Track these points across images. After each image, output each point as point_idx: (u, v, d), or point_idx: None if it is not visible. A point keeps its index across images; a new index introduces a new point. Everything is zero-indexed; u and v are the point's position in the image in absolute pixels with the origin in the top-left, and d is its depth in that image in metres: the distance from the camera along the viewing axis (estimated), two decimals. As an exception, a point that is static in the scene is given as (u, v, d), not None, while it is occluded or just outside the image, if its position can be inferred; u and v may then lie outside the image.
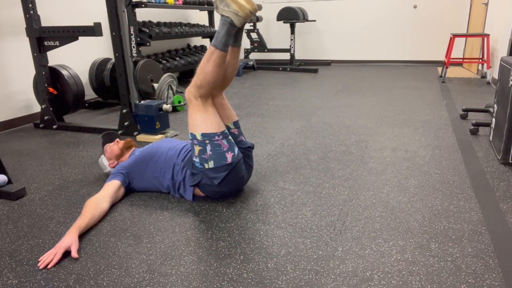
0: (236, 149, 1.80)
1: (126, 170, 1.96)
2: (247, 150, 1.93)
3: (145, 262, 1.44)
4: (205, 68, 1.70)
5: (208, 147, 1.73)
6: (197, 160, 1.78)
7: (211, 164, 1.74)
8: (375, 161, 2.37)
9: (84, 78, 4.05)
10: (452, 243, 1.50)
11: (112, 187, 1.86)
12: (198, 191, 1.88)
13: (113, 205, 1.87)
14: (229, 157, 1.74)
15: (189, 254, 1.48)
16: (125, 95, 2.96)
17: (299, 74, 6.09)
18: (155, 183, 1.95)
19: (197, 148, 1.76)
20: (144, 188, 1.99)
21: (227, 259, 1.44)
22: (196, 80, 1.74)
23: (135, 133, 3.01)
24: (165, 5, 4.78)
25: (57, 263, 1.44)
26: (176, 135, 3.03)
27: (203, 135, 1.73)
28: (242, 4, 1.61)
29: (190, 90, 1.75)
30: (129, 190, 1.99)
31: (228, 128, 1.88)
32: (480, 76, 5.38)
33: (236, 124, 1.94)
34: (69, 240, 1.51)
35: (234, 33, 1.70)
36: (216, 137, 1.73)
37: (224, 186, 1.79)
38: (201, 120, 1.74)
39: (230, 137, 1.81)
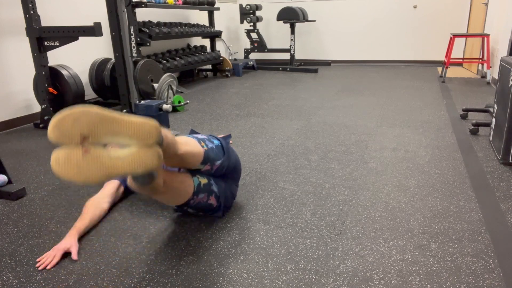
0: (215, 186, 1.65)
1: None
2: (227, 167, 1.69)
3: (145, 262, 1.44)
4: (158, 198, 1.42)
5: (190, 210, 1.65)
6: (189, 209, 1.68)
7: (201, 213, 1.75)
8: (375, 161, 2.37)
9: (84, 78, 4.05)
10: (452, 243, 1.50)
11: (111, 186, 1.86)
12: None
13: (113, 205, 1.87)
14: (213, 202, 1.65)
15: (189, 254, 1.48)
16: (125, 95, 2.96)
17: (299, 74, 6.09)
18: None
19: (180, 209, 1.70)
20: None
21: (227, 259, 1.44)
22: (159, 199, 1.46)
23: (135, 133, 3.01)
24: (165, 5, 4.78)
25: (55, 265, 1.44)
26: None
27: (178, 206, 1.60)
28: (145, 156, 1.11)
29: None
30: (128, 190, 1.99)
31: (198, 170, 1.60)
32: (480, 76, 5.38)
33: (204, 161, 1.56)
34: (69, 242, 1.51)
35: (152, 182, 1.29)
36: (191, 201, 1.56)
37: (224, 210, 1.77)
38: (167, 200, 1.49)
39: (202, 183, 1.58)
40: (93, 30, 2.80)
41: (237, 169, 1.81)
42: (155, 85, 3.85)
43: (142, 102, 2.93)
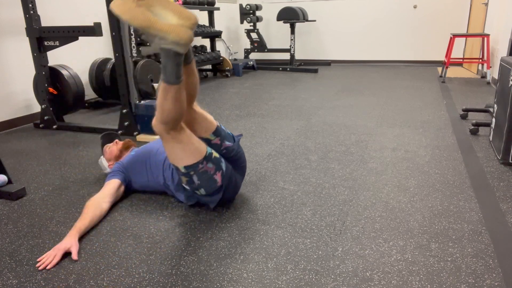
0: (224, 165, 1.69)
1: (125, 168, 1.96)
2: (234, 155, 1.79)
3: (145, 262, 1.44)
4: (164, 107, 1.49)
5: (195, 177, 1.63)
6: (187, 187, 1.72)
7: (202, 191, 1.69)
8: (375, 161, 2.37)
9: (84, 78, 4.05)
10: (452, 243, 1.50)
11: (112, 186, 1.86)
12: None
13: (113, 205, 1.87)
14: (218, 178, 1.66)
15: (189, 254, 1.48)
16: (125, 95, 2.96)
17: (299, 74, 6.09)
18: (152, 183, 1.95)
19: (184, 179, 1.67)
20: (143, 187, 1.99)
21: (227, 259, 1.44)
22: (159, 117, 1.52)
23: (135, 133, 3.01)
24: (165, 5, 4.77)
25: (56, 265, 1.44)
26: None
27: (186, 167, 1.60)
28: (179, 29, 1.32)
29: (158, 126, 1.55)
30: (129, 189, 1.99)
31: (208, 140, 1.70)
32: (480, 76, 5.38)
33: (216, 132, 1.72)
34: (69, 242, 1.51)
35: (182, 59, 1.44)
36: (200, 165, 1.60)
37: (221, 200, 1.77)
38: (180, 151, 1.58)
39: (214, 155, 1.66)
40: (93, 30, 2.80)
41: (243, 163, 1.88)
42: (155, 85, 3.85)
43: (142, 102, 2.93)
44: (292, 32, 6.33)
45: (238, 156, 1.82)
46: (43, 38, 3.06)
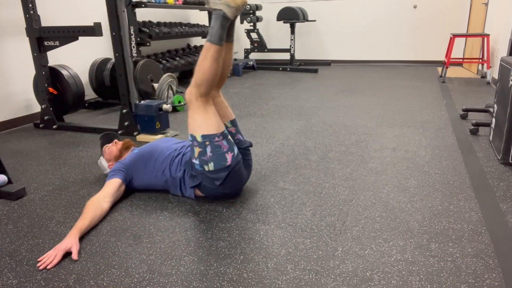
0: (236, 149, 1.80)
1: (126, 167, 1.95)
2: (245, 149, 1.93)
3: (145, 262, 1.44)
4: (203, 65, 1.70)
5: (208, 149, 1.72)
6: (196, 162, 1.77)
7: (211, 166, 1.74)
8: (375, 161, 2.37)
9: (84, 78, 4.05)
10: (452, 243, 1.50)
11: (112, 185, 1.86)
12: (198, 192, 1.88)
13: (113, 205, 1.87)
14: (229, 158, 1.75)
15: (189, 254, 1.48)
16: (125, 95, 2.96)
17: (299, 74, 6.09)
18: (155, 181, 1.95)
19: (197, 150, 1.75)
20: (143, 186, 1.99)
21: (227, 259, 1.44)
22: (195, 79, 1.73)
23: (135, 133, 3.01)
24: (165, 5, 4.78)
25: (56, 265, 1.44)
26: (176, 135, 3.03)
27: (203, 136, 1.73)
28: None
29: (191, 91, 1.75)
30: (129, 188, 1.99)
31: (225, 126, 1.87)
32: (480, 76, 5.38)
33: (233, 122, 1.94)
34: (70, 242, 1.51)
35: (228, 26, 1.71)
36: (216, 138, 1.73)
37: (225, 187, 1.80)
38: (202, 121, 1.74)
39: (229, 137, 1.81)
40: (93, 30, 2.80)
41: (250, 162, 1.98)
42: (155, 85, 3.85)
43: (142, 102, 2.93)
44: (292, 32, 6.33)
45: (247, 154, 1.94)
46: (43, 38, 3.06)
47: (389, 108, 3.71)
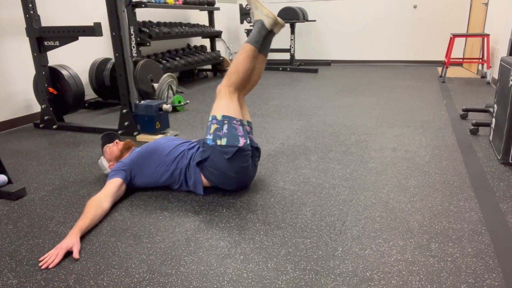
0: (248, 140, 1.89)
1: (128, 166, 1.95)
2: (255, 149, 2.00)
3: (145, 262, 1.44)
4: (237, 58, 1.99)
5: (225, 126, 1.85)
6: (210, 137, 1.86)
7: (223, 141, 1.82)
8: (375, 161, 2.37)
9: (84, 78, 4.05)
10: (452, 243, 1.50)
11: (113, 185, 1.86)
12: (204, 179, 1.91)
13: (113, 205, 1.86)
14: (241, 141, 1.84)
15: (189, 254, 1.48)
16: (125, 95, 2.96)
17: (299, 74, 6.09)
18: (158, 176, 1.95)
19: (213, 127, 1.87)
20: (146, 184, 1.99)
21: (227, 259, 1.44)
22: (228, 71, 1.99)
23: (135, 133, 3.01)
24: (165, 5, 4.78)
25: (57, 264, 1.44)
26: (176, 135, 3.03)
27: (223, 116, 1.88)
28: (269, 11, 2.04)
29: (222, 83, 1.98)
30: (130, 187, 1.99)
31: None
32: (480, 76, 5.38)
33: (249, 124, 2.06)
34: (71, 241, 1.51)
35: (264, 34, 2.03)
36: (235, 121, 1.88)
37: (232, 166, 1.82)
38: (225, 105, 1.92)
39: (246, 128, 1.96)
40: (93, 30, 2.80)
41: (256, 163, 2.06)
42: (155, 85, 3.85)
43: (142, 102, 2.93)
44: (292, 32, 6.33)
45: (256, 154, 2.02)
46: (43, 38, 3.06)
47: (389, 108, 3.71)
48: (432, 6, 6.44)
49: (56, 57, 3.74)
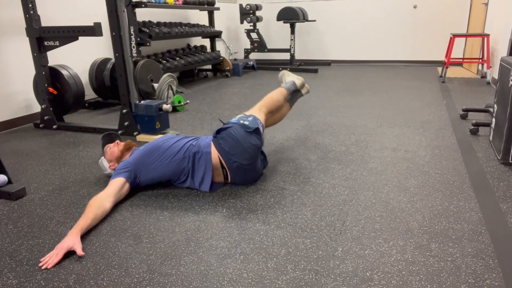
0: (263, 137, 2.09)
1: (131, 165, 1.95)
2: (262, 154, 2.21)
3: (145, 262, 1.44)
4: (273, 95, 2.39)
5: (251, 118, 2.09)
6: (235, 119, 2.08)
7: (246, 123, 2.04)
8: (375, 161, 2.37)
9: (84, 78, 4.05)
10: (452, 243, 1.50)
11: (116, 185, 1.85)
12: (215, 152, 1.97)
13: (114, 205, 1.86)
14: (260, 129, 2.07)
15: (189, 254, 1.48)
16: (125, 95, 2.96)
17: (299, 74, 6.09)
18: (165, 169, 1.97)
19: (239, 116, 2.12)
20: (153, 179, 1.99)
21: (227, 259, 1.44)
22: (262, 103, 2.30)
23: (135, 133, 3.01)
24: (165, 5, 4.78)
25: (57, 264, 1.44)
26: (176, 134, 3.03)
27: (252, 115, 2.13)
28: (299, 78, 2.59)
29: (261, 107, 2.27)
30: (136, 186, 1.99)
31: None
32: (480, 76, 5.38)
33: (263, 129, 2.27)
34: (72, 240, 1.51)
35: (293, 89, 2.53)
36: (259, 121, 2.11)
37: (247, 139, 1.96)
38: (256, 114, 2.18)
39: (262, 131, 2.13)
40: (93, 30, 2.80)
41: (264, 164, 2.27)
42: (155, 85, 3.85)
43: (142, 102, 2.93)
44: (292, 32, 6.33)
45: (264, 155, 2.24)
46: (43, 38, 3.06)
47: (389, 108, 3.71)
48: (432, 6, 6.45)
49: (56, 57, 3.74)
